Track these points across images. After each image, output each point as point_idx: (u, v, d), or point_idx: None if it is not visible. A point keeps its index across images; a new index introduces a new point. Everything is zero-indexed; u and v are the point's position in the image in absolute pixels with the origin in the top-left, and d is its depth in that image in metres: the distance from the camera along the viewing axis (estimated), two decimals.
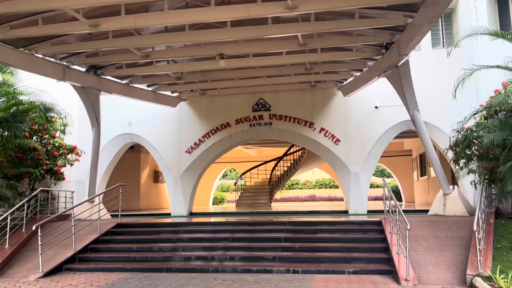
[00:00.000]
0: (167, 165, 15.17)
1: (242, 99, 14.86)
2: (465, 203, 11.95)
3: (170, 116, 15.32)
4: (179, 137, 15.20)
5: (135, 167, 19.86)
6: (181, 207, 15.05)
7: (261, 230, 10.32)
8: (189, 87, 13.74)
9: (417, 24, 8.23)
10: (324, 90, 14.41)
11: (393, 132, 14.06)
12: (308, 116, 14.42)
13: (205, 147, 14.96)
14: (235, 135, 14.86)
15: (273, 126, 14.63)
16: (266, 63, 11.16)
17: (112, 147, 15.70)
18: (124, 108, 15.56)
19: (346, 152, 14.08)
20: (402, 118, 13.84)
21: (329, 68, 12.00)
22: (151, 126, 15.39)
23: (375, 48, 10.62)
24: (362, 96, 14.08)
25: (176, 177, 15.08)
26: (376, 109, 14.06)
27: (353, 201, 14.02)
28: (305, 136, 14.39)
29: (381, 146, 14.08)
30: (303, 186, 35.85)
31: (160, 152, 15.25)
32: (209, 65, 11.31)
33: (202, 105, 15.16)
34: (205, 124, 15.05)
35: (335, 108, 14.33)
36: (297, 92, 14.56)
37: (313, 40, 9.73)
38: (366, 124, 14.08)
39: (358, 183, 14.01)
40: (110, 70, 11.86)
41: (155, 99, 13.96)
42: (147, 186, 20.58)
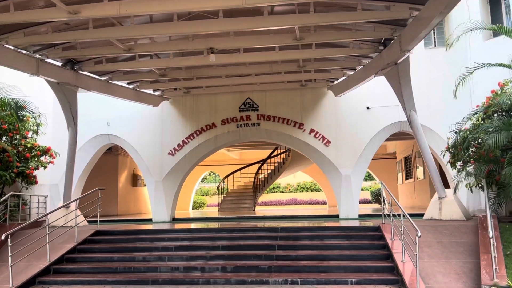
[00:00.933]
0: (148, 168, 14.34)
1: (228, 99, 14.19)
2: (461, 206, 11.58)
3: (152, 116, 14.51)
4: (161, 138, 14.40)
5: (113, 170, 18.90)
6: (163, 212, 14.23)
7: (253, 237, 9.64)
8: (173, 85, 12.98)
9: (424, 17, 7.74)
10: (314, 90, 13.87)
11: (385, 133, 13.63)
12: (297, 116, 13.85)
13: (189, 149, 14.20)
14: (221, 136, 14.15)
15: (261, 127, 14.00)
16: (258, 59, 10.53)
17: (89, 149, 14.77)
18: (103, 107, 14.67)
19: (337, 154, 13.57)
20: (394, 119, 13.45)
21: (322, 66, 11.46)
22: (132, 126, 14.54)
23: (372, 44, 10.13)
24: (353, 97, 13.61)
25: (158, 181, 14.26)
26: (367, 110, 13.60)
27: (344, 205, 13.50)
28: (295, 138, 13.81)
29: (372, 148, 13.62)
30: (284, 190, 35.35)
31: (141, 154, 14.41)
32: (196, 60, 10.60)
33: (186, 104, 14.41)
34: (189, 125, 14.29)
35: (326, 109, 13.80)
36: (286, 92, 13.98)
37: (310, 34, 9.16)
38: (357, 125, 13.60)
39: (349, 187, 13.50)
40: (88, 65, 11.01)
41: (136, 97, 13.13)
42: (125, 190, 19.63)
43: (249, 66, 11.55)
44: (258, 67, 11.63)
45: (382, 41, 10.03)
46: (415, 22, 8.08)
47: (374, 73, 10.53)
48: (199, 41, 9.53)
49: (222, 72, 11.81)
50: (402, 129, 13.55)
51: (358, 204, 13.60)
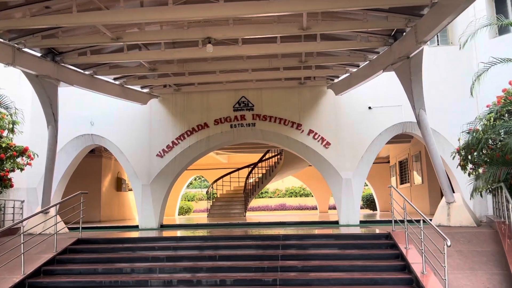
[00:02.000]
0: (135, 171, 13.34)
1: (222, 97, 13.32)
2: (470, 212, 10.93)
3: (139, 115, 13.54)
4: (150, 139, 13.43)
5: (96, 173, 17.80)
6: (151, 218, 13.24)
7: (252, 246, 8.76)
8: (163, 81, 12.06)
9: (446, 4, 7.02)
10: (313, 88, 13.10)
11: (387, 135, 12.92)
12: (295, 116, 13.05)
13: (179, 150, 13.26)
14: (213, 137, 13.26)
15: (257, 127, 13.16)
16: (257, 51, 9.69)
17: (71, 150, 13.71)
18: (86, 105, 13.66)
19: (337, 157, 12.80)
20: (397, 120, 12.78)
21: (324, 61, 10.70)
22: (117, 126, 13.54)
23: (381, 37, 9.40)
24: (354, 96, 12.89)
25: (145, 185, 13.27)
26: (369, 110, 12.89)
27: (345, 210, 12.71)
28: (292, 139, 13.00)
29: (374, 150, 12.90)
30: (272, 195, 34.53)
31: (127, 156, 13.41)
32: (190, 53, 9.72)
33: (176, 102, 13.48)
34: (179, 125, 13.37)
35: (325, 109, 13.04)
36: (283, 90, 13.18)
37: (317, 24, 8.37)
38: (359, 126, 12.87)
39: (350, 191, 12.74)
40: (71, 57, 10.03)
41: (122, 94, 12.16)
42: (109, 195, 18.53)
43: (247, 60, 10.71)
44: (257, 62, 10.80)
45: (392, 34, 9.32)
46: (435, 9, 7.36)
47: (382, 69, 9.80)
48: (195, 30, 8.66)
49: (217, 66, 10.95)
50: (405, 131, 12.88)
51: (359, 210, 12.83)
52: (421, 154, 17.32)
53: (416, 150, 17.87)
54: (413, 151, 18.45)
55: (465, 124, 10.28)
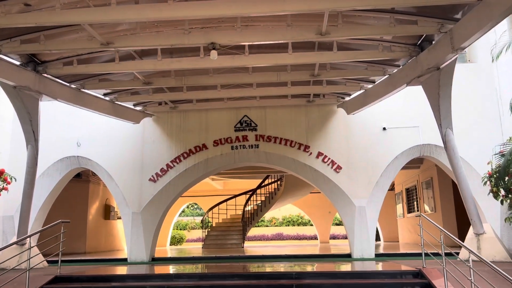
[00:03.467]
0: (125, 197, 12.01)
1: (222, 116, 12.18)
2: (502, 244, 9.78)
3: (131, 135, 12.31)
4: (142, 162, 12.16)
5: (82, 200, 16.39)
6: (141, 250, 11.83)
7: (261, 286, 7.44)
8: (158, 97, 10.90)
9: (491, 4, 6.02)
10: (322, 107, 12.02)
11: (403, 158, 11.78)
12: (302, 138, 11.91)
13: (175, 174, 12.00)
14: (212, 159, 12.04)
15: (260, 149, 11.98)
16: (266, 62, 8.59)
17: (54, 174, 12.37)
18: (72, 123, 12.43)
19: (349, 182, 11.61)
20: (414, 142, 11.67)
21: (338, 74, 9.63)
22: (106, 147, 12.28)
23: (406, 47, 8.38)
24: (367, 116, 11.82)
25: (136, 212, 11.93)
26: (383, 131, 11.79)
27: (359, 242, 11.42)
28: (299, 162, 11.81)
29: (390, 175, 11.73)
30: (269, 224, 33.04)
31: (116, 180, 12.09)
32: (191, 63, 8.61)
33: (172, 122, 12.30)
34: (175, 146, 12.15)
35: (335, 130, 11.93)
36: (289, 109, 12.08)
37: (337, 29, 7.31)
38: (372, 149, 11.74)
39: (364, 220, 11.49)
40: (55, 67, 8.87)
41: (113, 111, 10.96)
42: (95, 224, 17.06)
43: (253, 74, 9.62)
44: (263, 75, 9.71)
45: (418, 43, 8.32)
46: (477, 11, 6.35)
47: (406, 83, 8.74)
48: (197, 35, 7.57)
49: (218, 80, 9.84)
50: (422, 154, 11.76)
51: (374, 242, 11.55)
52: (432, 181, 16.19)
53: (427, 176, 16.74)
54: (423, 178, 17.32)
55: (497, 145, 9.20)
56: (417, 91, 11.79)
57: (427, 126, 11.65)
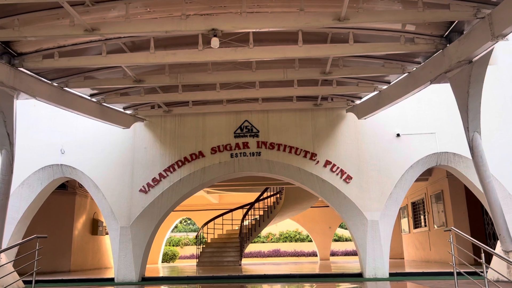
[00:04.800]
0: (112, 210, 10.86)
1: (221, 121, 11.15)
2: None
3: (121, 141, 11.22)
4: (132, 171, 11.06)
5: (67, 214, 15.16)
6: (130, 269, 10.64)
7: None
8: (150, 98, 9.85)
9: None
10: (329, 112, 11.03)
11: (419, 168, 10.78)
12: (308, 145, 10.89)
13: (168, 185, 10.89)
14: (210, 168, 10.95)
15: (262, 157, 10.93)
16: (272, 55, 7.58)
17: (35, 184, 11.20)
18: (55, 128, 11.33)
19: (360, 194, 10.56)
20: (431, 150, 10.68)
21: (352, 72, 8.65)
22: (93, 154, 11.16)
23: (431, 39, 7.43)
24: (379, 121, 10.86)
25: (125, 227, 10.77)
26: (397, 138, 10.80)
27: (371, 260, 10.33)
28: (305, 171, 10.76)
29: (404, 186, 10.70)
30: (265, 240, 31.81)
31: (104, 191, 10.95)
32: (188, 55, 7.59)
33: (165, 127, 11.24)
34: (169, 154, 11.07)
35: (344, 136, 10.92)
36: (294, 114, 11.08)
37: (357, 14, 6.35)
38: (385, 157, 10.74)
39: (377, 236, 10.42)
40: (33, 60, 7.81)
41: (100, 114, 9.88)
42: (81, 240, 15.80)
43: (256, 71, 8.62)
44: (268, 73, 8.71)
45: (445, 35, 7.38)
46: None
47: (430, 80, 7.77)
48: (196, 21, 6.57)
49: (218, 78, 8.82)
50: (439, 163, 10.76)
51: (388, 260, 10.46)
52: (443, 194, 15.18)
53: (437, 189, 15.74)
54: (432, 191, 16.31)
55: None
56: (434, 94, 10.92)
57: (444, 132, 10.72)
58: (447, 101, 10.82)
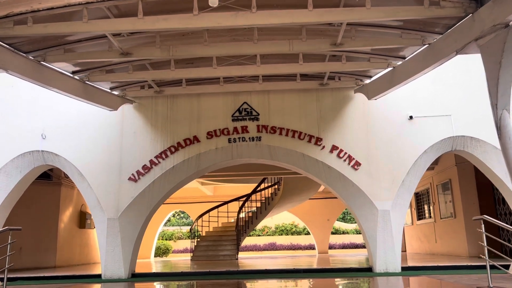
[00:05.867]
0: (99, 200, 9.90)
1: (217, 102, 10.21)
2: None
3: (107, 125, 10.25)
4: (120, 158, 10.09)
5: (52, 206, 14.17)
6: (118, 265, 9.71)
7: None
8: (139, 76, 8.86)
9: None
10: (336, 93, 10.12)
11: (433, 153, 9.93)
12: (313, 129, 9.99)
13: (160, 173, 9.95)
14: (206, 154, 10.02)
15: (263, 142, 10.01)
16: (278, 20, 6.61)
17: (13, 172, 10.19)
18: (35, 111, 10.32)
19: (370, 182, 9.69)
20: (446, 134, 9.83)
21: (366, 44, 7.72)
22: (77, 140, 10.18)
23: (459, 2, 6.53)
24: (389, 103, 9.98)
25: (112, 218, 9.82)
26: (409, 120, 9.93)
27: (382, 253, 9.48)
28: (310, 158, 9.87)
29: (417, 173, 9.85)
30: (261, 233, 31.00)
31: (89, 180, 9.99)
32: (181, 21, 6.62)
33: (157, 110, 10.28)
34: (160, 139, 10.12)
35: (353, 119, 10.03)
36: (297, 94, 10.16)
37: None
38: (397, 141, 9.87)
39: (388, 227, 9.57)
40: (3, 26, 6.77)
41: (84, 94, 8.88)
42: (68, 233, 14.82)
43: (259, 43, 7.67)
44: (272, 45, 7.76)
45: None
46: None
47: (456, 50, 6.87)
48: None
49: (215, 51, 7.84)
50: (455, 148, 9.91)
51: (400, 252, 9.62)
52: (451, 183, 14.38)
53: (444, 178, 14.95)
54: (438, 180, 15.52)
55: None
56: (449, 73, 10.06)
57: (460, 114, 9.87)
58: (464, 81, 10.04)
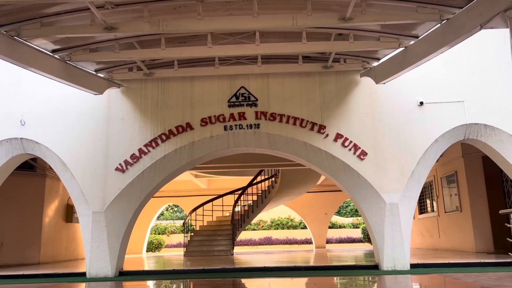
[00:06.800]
0: (83, 192, 9.12)
1: (212, 87, 9.42)
2: None
3: (93, 111, 9.44)
4: (106, 146, 9.30)
5: (36, 198, 13.34)
6: (104, 262, 8.94)
7: None
8: (126, 55, 8.05)
9: None
10: (341, 77, 9.37)
11: (445, 142, 9.21)
12: (316, 115, 9.24)
13: (150, 162, 9.17)
14: (200, 143, 9.25)
15: (262, 130, 9.25)
16: None
17: None
18: (12, 94, 9.49)
19: (377, 172, 8.98)
20: (459, 122, 9.12)
21: (378, 19, 6.96)
22: (59, 127, 9.37)
23: None
24: (398, 88, 9.26)
25: (98, 212, 9.04)
26: (420, 107, 9.21)
27: (389, 249, 8.80)
28: (312, 147, 9.13)
29: (427, 163, 9.14)
30: (256, 227, 30.33)
31: (73, 170, 9.20)
32: None
33: (146, 94, 9.48)
34: (150, 126, 9.33)
35: (358, 105, 9.29)
36: (299, 78, 9.40)
37: None
38: (406, 129, 9.15)
39: (397, 221, 8.89)
40: None
41: (65, 75, 8.06)
42: (53, 228, 14.02)
43: (259, 17, 6.88)
44: (274, 19, 6.99)
45: None
46: None
47: (481, 24, 6.14)
48: None
49: (210, 26, 7.03)
50: (468, 136, 9.21)
51: (409, 249, 8.94)
52: (457, 175, 13.73)
53: (449, 170, 14.29)
54: (442, 172, 14.87)
55: None
56: (463, 56, 9.34)
57: (474, 101, 9.16)
58: (478, 64, 9.33)
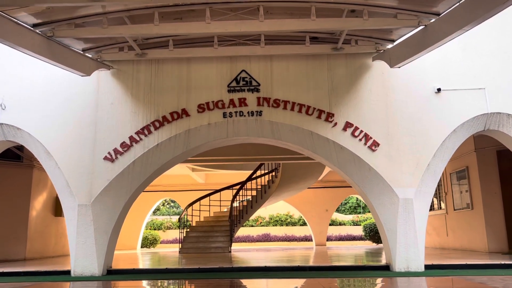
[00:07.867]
0: (68, 183, 8.34)
1: (210, 69, 8.64)
2: None
3: (80, 95, 8.65)
4: (94, 133, 8.52)
5: (22, 190, 12.58)
6: (91, 260, 8.18)
7: None
8: (115, 31, 7.25)
9: None
10: (351, 60, 8.60)
11: (463, 132, 8.46)
12: (323, 102, 8.47)
13: (142, 152, 8.39)
14: (196, 131, 8.47)
15: (264, 117, 8.48)
16: None
17: None
18: None
19: (390, 165, 8.22)
20: (479, 111, 8.37)
21: None
22: (43, 112, 8.58)
23: None
24: (413, 73, 8.50)
25: (84, 205, 8.26)
26: (437, 94, 8.46)
27: (403, 249, 8.05)
28: (319, 136, 8.36)
29: (445, 156, 8.39)
30: (254, 223, 29.64)
31: (57, 159, 8.42)
32: None
33: (138, 77, 8.69)
34: (142, 111, 8.55)
35: (370, 91, 8.52)
36: (305, 62, 8.61)
37: None
38: (422, 118, 8.39)
39: (411, 218, 8.13)
40: None
41: (48, 53, 7.26)
42: (41, 222, 13.25)
43: None
44: None
45: None
46: None
47: None
48: None
49: None
50: (488, 127, 8.46)
51: (423, 248, 8.19)
52: (469, 171, 12.99)
53: (460, 165, 13.55)
54: (452, 168, 14.12)
55: None
56: (483, 40, 8.61)
57: (496, 88, 8.42)
58: (501, 49, 8.57)
